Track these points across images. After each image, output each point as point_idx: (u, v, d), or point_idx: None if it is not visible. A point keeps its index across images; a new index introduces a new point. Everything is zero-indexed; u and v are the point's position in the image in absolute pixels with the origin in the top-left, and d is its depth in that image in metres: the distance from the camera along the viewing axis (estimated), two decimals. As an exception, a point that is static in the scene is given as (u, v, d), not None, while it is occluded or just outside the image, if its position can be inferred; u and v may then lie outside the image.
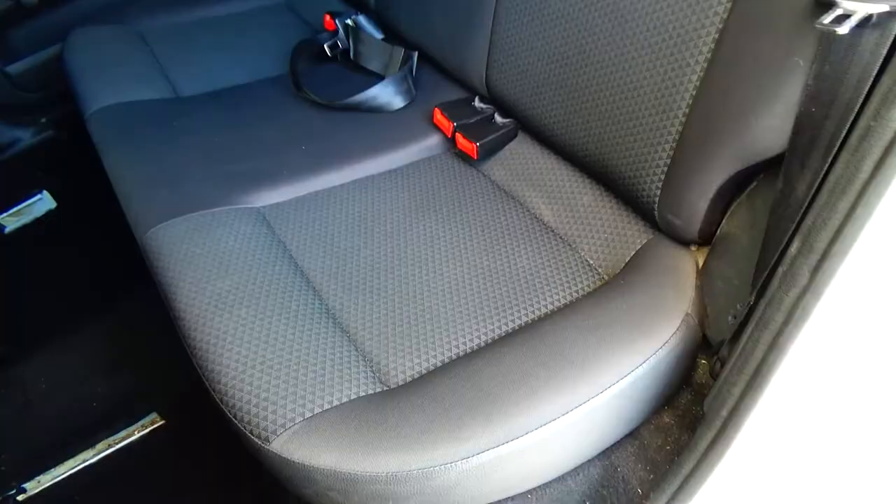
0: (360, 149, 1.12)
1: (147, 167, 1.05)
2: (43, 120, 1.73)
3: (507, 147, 1.10)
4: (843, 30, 0.54)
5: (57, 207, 1.66)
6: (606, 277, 0.90)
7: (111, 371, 1.32)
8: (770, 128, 0.67)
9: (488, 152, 1.09)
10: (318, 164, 1.08)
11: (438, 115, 1.13)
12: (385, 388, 0.73)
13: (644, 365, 0.73)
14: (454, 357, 0.79)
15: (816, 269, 0.61)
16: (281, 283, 0.85)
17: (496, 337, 0.82)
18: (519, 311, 0.85)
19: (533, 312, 0.85)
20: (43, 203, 1.67)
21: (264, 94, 1.28)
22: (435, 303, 0.86)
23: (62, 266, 1.56)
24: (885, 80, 0.57)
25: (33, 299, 1.50)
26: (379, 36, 1.37)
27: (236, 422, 0.69)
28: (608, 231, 0.94)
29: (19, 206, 1.64)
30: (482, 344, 0.81)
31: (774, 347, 0.64)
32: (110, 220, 1.19)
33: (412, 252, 0.94)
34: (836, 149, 0.60)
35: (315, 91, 1.22)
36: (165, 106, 1.24)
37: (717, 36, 0.73)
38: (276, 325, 0.77)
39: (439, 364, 0.78)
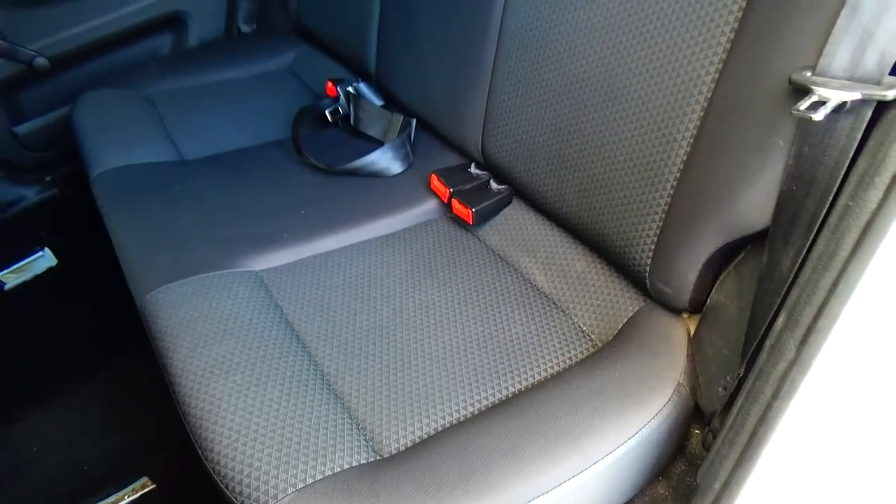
0: (358, 213, 1.14)
1: (149, 230, 1.07)
2: (48, 178, 1.77)
3: (502, 213, 1.13)
4: (818, 116, 0.56)
5: (58, 265, 1.68)
6: (599, 344, 0.91)
7: (103, 433, 1.31)
8: (754, 204, 0.69)
9: (484, 218, 1.12)
10: (317, 228, 1.10)
11: (435, 181, 1.16)
12: (378, 458, 0.73)
13: (636, 436, 0.74)
14: (447, 425, 0.79)
15: (803, 344, 0.62)
16: (276, 348, 0.85)
17: (489, 405, 0.82)
18: (512, 379, 0.85)
19: (526, 380, 0.85)
20: (44, 260, 1.68)
21: (266, 157, 1.31)
22: (429, 369, 0.86)
23: (60, 324, 1.56)
24: (861, 163, 0.59)
25: (29, 357, 1.50)
26: (379, 103, 1.42)
27: (228, 492, 0.69)
28: (601, 298, 0.95)
29: (20, 264, 1.66)
30: (475, 412, 0.81)
31: (764, 421, 0.65)
32: (110, 280, 1.21)
33: (408, 317, 0.95)
34: (817, 226, 0.62)
35: (316, 156, 1.26)
36: (170, 169, 1.27)
37: (702, 114, 0.76)
38: (271, 392, 0.78)
39: (432, 432, 0.78)
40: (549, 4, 0.94)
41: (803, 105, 0.58)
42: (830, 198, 0.61)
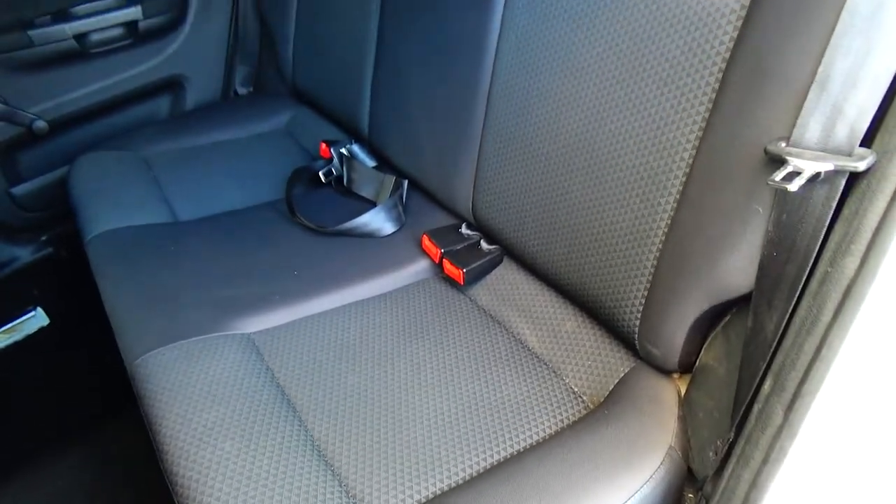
0: (350, 273, 1.15)
1: (141, 293, 1.07)
2: (43, 238, 1.78)
3: (492, 273, 1.14)
4: (793, 188, 0.58)
5: (50, 325, 1.67)
6: (591, 406, 0.91)
7: (91, 499, 1.29)
8: (737, 268, 0.71)
9: (475, 277, 1.13)
10: (309, 288, 1.11)
11: (427, 242, 1.18)
12: (368, 527, 0.72)
13: (630, 501, 0.73)
14: (438, 492, 0.78)
15: (790, 409, 0.63)
16: (267, 414, 0.85)
17: (481, 470, 0.81)
18: (504, 443, 0.85)
19: (518, 444, 0.85)
20: (36, 320, 1.68)
21: (261, 218, 1.33)
22: (420, 433, 0.86)
23: (51, 386, 1.55)
24: (838, 230, 0.61)
25: (19, 420, 1.48)
26: (371, 164, 1.44)
27: (214, 565, 0.67)
28: (592, 358, 0.96)
29: (12, 324, 1.65)
30: (467, 477, 0.80)
31: (755, 486, 0.64)
32: (102, 341, 1.20)
33: (399, 379, 0.95)
34: (798, 291, 0.63)
35: (309, 217, 1.27)
36: (164, 230, 1.28)
37: (684, 179, 0.78)
38: (260, 460, 0.77)
39: (423, 500, 0.77)
40: (535, 73, 0.98)
41: (779, 175, 0.60)
42: (810, 264, 0.62)
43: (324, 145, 1.48)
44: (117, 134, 1.72)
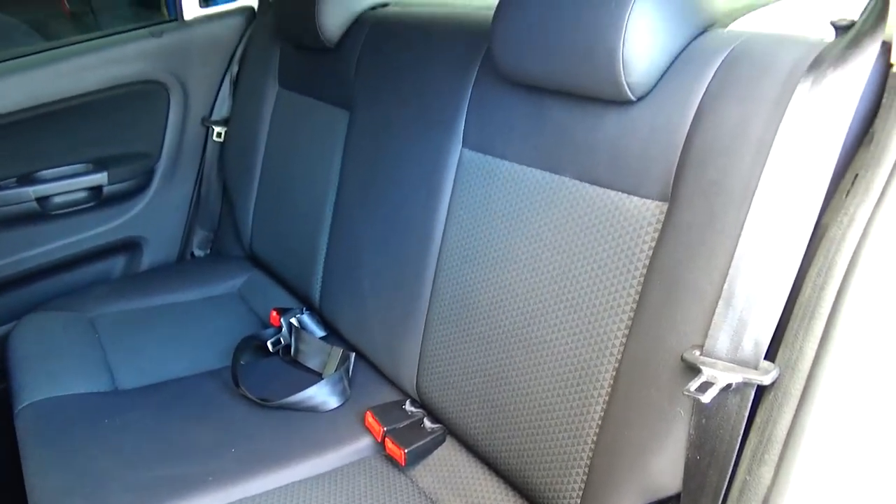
0: (290, 451, 1.12)
1: (65, 475, 1.02)
2: (-28, 401, 1.70)
3: (435, 453, 1.13)
4: (705, 399, 0.62)
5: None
6: None
7: None
8: (664, 469, 0.72)
9: (416, 458, 1.11)
10: (245, 468, 1.08)
11: (370, 419, 1.17)
12: None
13: None
14: None
15: None
16: None
17: None
18: None
19: None
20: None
21: (204, 388, 1.30)
22: None
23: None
24: (752, 438, 0.64)
25: None
26: (321, 333, 1.46)
27: None
28: (533, 551, 0.93)
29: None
30: None
31: None
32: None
33: (332, 574, 0.90)
34: (721, 498, 0.65)
35: (253, 388, 1.26)
36: (100, 400, 1.24)
37: (614, 374, 0.81)
38: None
39: None
40: (476, 262, 1.04)
41: (693, 385, 0.64)
42: (730, 470, 0.64)
43: (274, 313, 1.50)
44: (67, 292, 1.71)
